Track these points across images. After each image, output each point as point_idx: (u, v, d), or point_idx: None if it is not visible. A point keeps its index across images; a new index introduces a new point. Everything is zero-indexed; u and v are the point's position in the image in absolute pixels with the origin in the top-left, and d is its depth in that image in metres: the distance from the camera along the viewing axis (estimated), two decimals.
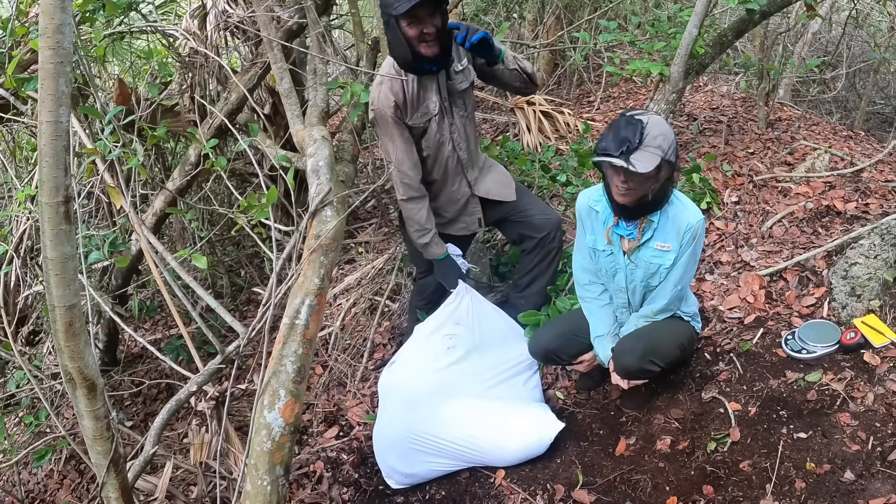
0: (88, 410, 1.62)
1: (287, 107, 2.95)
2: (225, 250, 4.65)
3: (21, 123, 3.22)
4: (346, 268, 4.18)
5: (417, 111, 2.61)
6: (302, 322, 2.06)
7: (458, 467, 2.63)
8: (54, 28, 1.27)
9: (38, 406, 2.92)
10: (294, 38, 3.51)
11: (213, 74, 3.42)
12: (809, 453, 2.12)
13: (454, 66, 2.60)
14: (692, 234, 2.21)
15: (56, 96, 1.30)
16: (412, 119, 2.61)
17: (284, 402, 1.92)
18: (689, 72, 3.63)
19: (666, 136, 2.05)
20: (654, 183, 2.12)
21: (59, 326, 1.48)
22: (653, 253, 2.27)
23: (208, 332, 2.35)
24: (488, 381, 2.79)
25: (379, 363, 3.39)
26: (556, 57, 5.69)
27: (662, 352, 2.35)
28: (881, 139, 4.94)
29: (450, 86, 2.63)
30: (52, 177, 1.33)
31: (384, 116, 2.57)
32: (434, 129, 2.66)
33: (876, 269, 2.62)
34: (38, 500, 3.22)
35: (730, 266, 3.12)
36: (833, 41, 6.44)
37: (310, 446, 3.01)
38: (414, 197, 2.72)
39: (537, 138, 4.53)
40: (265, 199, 2.27)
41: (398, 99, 2.54)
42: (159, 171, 3.91)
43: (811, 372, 2.39)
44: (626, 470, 2.38)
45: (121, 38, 3.56)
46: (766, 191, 3.60)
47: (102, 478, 1.73)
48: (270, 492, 1.80)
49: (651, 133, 2.04)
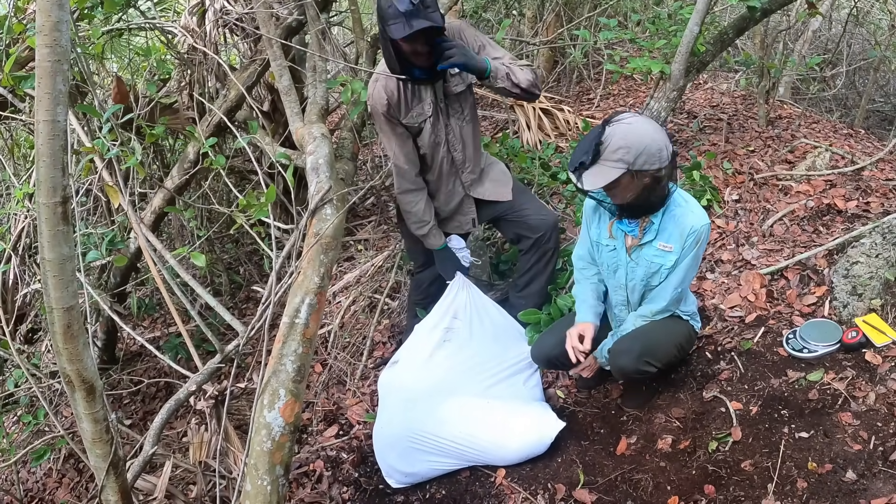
0: (87, 413, 1.61)
1: (286, 104, 2.93)
2: (224, 248, 4.64)
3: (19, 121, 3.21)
4: (345, 265, 4.17)
5: (412, 111, 2.61)
6: (302, 321, 2.05)
7: (458, 466, 2.63)
8: (51, 26, 1.25)
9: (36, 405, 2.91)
10: (293, 35, 3.49)
11: (211, 71, 3.40)
12: (811, 453, 2.11)
13: (450, 70, 2.59)
14: (695, 237, 2.19)
15: (53, 95, 1.28)
16: (406, 118, 2.61)
17: (284, 402, 1.91)
18: (690, 70, 3.62)
19: (630, 147, 2.00)
20: (629, 191, 2.09)
21: (57, 328, 1.46)
22: (655, 252, 2.26)
23: (207, 330, 2.34)
24: (488, 379, 2.79)
25: (378, 361, 3.39)
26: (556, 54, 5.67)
27: (660, 352, 2.34)
28: (881, 137, 4.93)
29: (445, 88, 2.62)
30: (50, 177, 1.31)
31: (377, 113, 2.60)
32: (428, 131, 2.66)
33: (877, 267, 2.61)
34: (37, 499, 3.21)
35: (730, 264, 3.11)
36: (833, 39, 6.42)
37: (309, 445, 3.00)
38: (410, 189, 2.74)
39: (537, 136, 4.52)
40: (264, 198, 2.26)
41: (391, 98, 2.55)
42: (158, 169, 3.89)
43: (812, 371, 2.38)
44: (628, 469, 2.37)
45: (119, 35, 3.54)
46: (767, 189, 3.59)
47: (102, 481, 1.71)
48: (270, 492, 1.80)
49: (611, 146, 2.01)
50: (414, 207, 2.76)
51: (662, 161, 2.04)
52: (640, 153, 2.01)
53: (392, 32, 2.32)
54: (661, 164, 2.04)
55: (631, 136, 2.02)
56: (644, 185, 2.08)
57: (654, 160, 2.03)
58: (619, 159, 2.01)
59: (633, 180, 2.06)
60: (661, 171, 2.06)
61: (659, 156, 2.03)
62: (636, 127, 2.04)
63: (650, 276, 2.31)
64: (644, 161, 2.02)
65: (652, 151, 2.02)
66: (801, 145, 3.97)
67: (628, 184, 2.06)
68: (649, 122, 2.11)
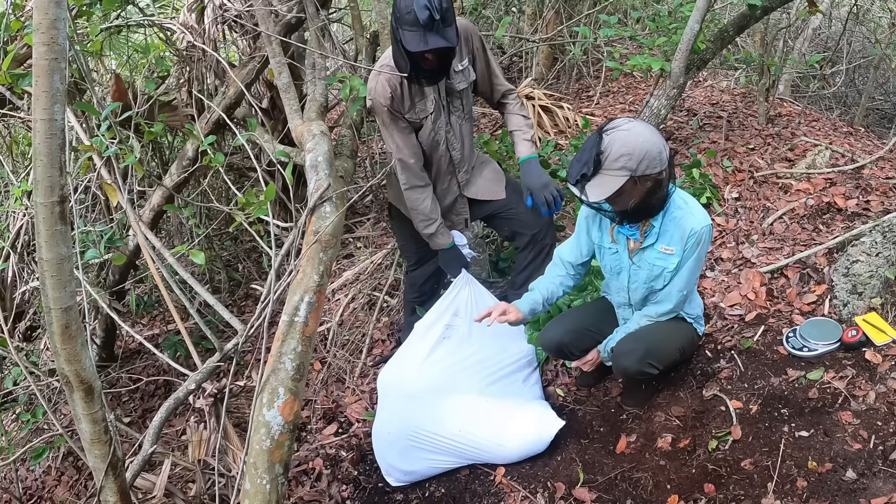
0: (86, 414, 1.60)
1: (285, 101, 2.93)
2: (223, 245, 4.63)
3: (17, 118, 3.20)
4: (344, 263, 4.16)
5: (414, 107, 2.59)
6: (301, 319, 2.04)
7: (457, 465, 2.62)
8: (48, 23, 1.24)
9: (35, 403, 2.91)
10: (293, 32, 3.48)
11: (210, 69, 3.39)
12: (811, 452, 2.11)
13: (454, 66, 2.58)
14: (696, 240, 2.18)
15: (51, 93, 1.27)
16: (408, 113, 2.59)
17: (283, 401, 1.90)
18: (691, 67, 3.61)
19: (632, 154, 1.98)
20: (632, 197, 2.08)
21: (55, 329, 1.45)
22: (657, 255, 2.25)
23: (206, 329, 2.33)
24: (488, 377, 2.78)
25: (378, 359, 3.38)
26: (556, 51, 5.65)
27: (663, 354, 2.34)
28: (880, 135, 4.93)
29: (448, 85, 2.61)
30: (47, 176, 1.30)
31: (380, 107, 2.56)
32: (429, 128, 2.64)
33: (877, 266, 2.61)
34: (36, 497, 3.21)
35: (730, 263, 3.11)
36: (833, 37, 6.41)
37: (308, 443, 3.00)
38: (417, 185, 2.70)
39: (537, 133, 4.51)
40: (263, 196, 2.25)
41: (395, 92, 2.53)
42: (157, 166, 3.89)
43: (812, 370, 2.38)
44: (627, 468, 2.37)
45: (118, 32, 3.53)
46: (767, 187, 3.59)
47: (101, 481, 1.70)
48: (270, 491, 1.80)
49: (612, 155, 1.99)
50: (421, 205, 2.72)
51: (663, 163, 2.04)
52: (643, 158, 1.99)
53: (406, 42, 2.30)
54: (662, 166, 2.04)
55: (631, 142, 2.00)
56: (646, 190, 2.07)
57: (656, 163, 2.02)
58: (621, 167, 1.99)
59: (635, 186, 2.04)
60: (662, 173, 2.05)
61: (659, 158, 2.02)
62: (634, 133, 2.02)
63: (653, 279, 2.30)
64: (646, 166, 2.00)
65: (653, 155, 2.01)
66: (801, 143, 3.97)
67: (631, 190, 2.05)
68: (645, 126, 2.08)
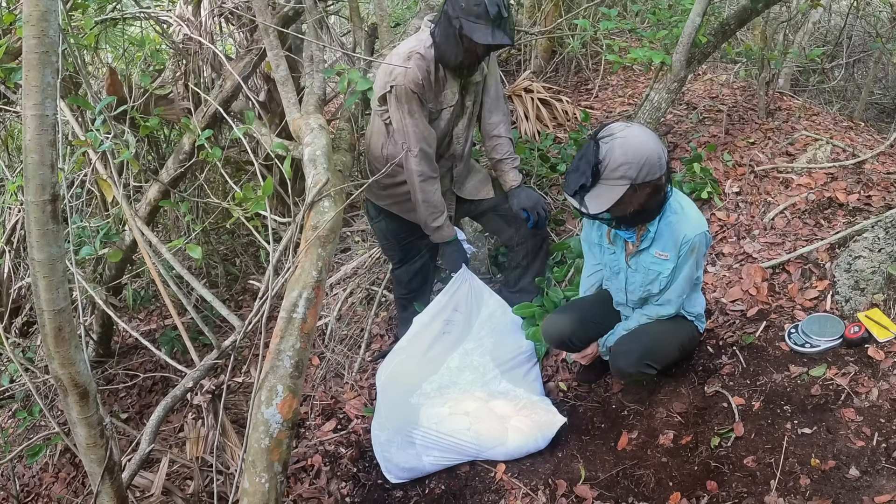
0: (81, 418, 1.56)
1: (283, 94, 2.89)
2: (220, 239, 4.60)
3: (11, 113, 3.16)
4: (342, 257, 4.14)
5: (437, 97, 2.59)
6: (299, 316, 2.02)
7: (457, 461, 2.60)
8: (39, 15, 1.20)
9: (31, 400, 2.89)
10: (290, 24, 3.44)
11: (207, 62, 3.36)
12: (814, 449, 2.09)
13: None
14: (689, 247, 2.15)
15: (41, 88, 1.23)
16: (431, 103, 2.59)
17: (282, 398, 1.88)
18: (692, 61, 3.58)
19: (632, 162, 1.94)
20: (631, 205, 2.04)
21: (47, 331, 1.40)
22: (652, 260, 2.23)
23: (203, 325, 2.30)
24: (488, 373, 2.77)
25: (377, 354, 3.36)
26: (555, 44, 5.61)
27: (661, 353, 2.32)
28: (880, 130, 4.90)
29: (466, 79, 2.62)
30: (38, 173, 1.25)
31: (408, 92, 2.51)
32: (445, 118, 2.63)
33: (880, 262, 2.59)
34: (33, 494, 3.19)
35: (732, 258, 3.09)
36: (833, 31, 6.38)
37: (307, 440, 2.98)
38: (431, 177, 2.67)
39: (535, 126, 4.48)
40: (261, 191, 2.22)
41: (425, 79, 2.52)
42: (153, 160, 3.85)
43: (815, 366, 2.36)
44: (629, 465, 2.35)
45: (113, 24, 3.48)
46: (768, 181, 3.56)
47: (97, 486, 1.67)
48: (269, 489, 1.77)
49: (612, 164, 1.95)
50: (433, 196, 2.68)
51: (662, 168, 2.00)
52: (643, 166, 1.95)
53: (473, 33, 2.32)
54: (662, 171, 2.00)
55: (630, 150, 1.95)
56: (645, 196, 2.03)
57: (656, 170, 1.98)
58: (621, 176, 1.96)
59: (635, 194, 2.00)
60: (662, 178, 2.02)
61: (659, 164, 1.99)
62: (632, 139, 1.97)
63: (649, 282, 2.28)
64: (647, 173, 1.97)
65: (653, 161, 1.97)
66: (802, 137, 3.94)
67: (630, 198, 2.01)
68: (641, 129, 2.04)
